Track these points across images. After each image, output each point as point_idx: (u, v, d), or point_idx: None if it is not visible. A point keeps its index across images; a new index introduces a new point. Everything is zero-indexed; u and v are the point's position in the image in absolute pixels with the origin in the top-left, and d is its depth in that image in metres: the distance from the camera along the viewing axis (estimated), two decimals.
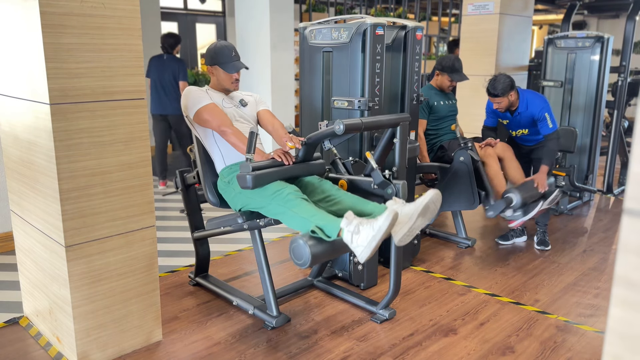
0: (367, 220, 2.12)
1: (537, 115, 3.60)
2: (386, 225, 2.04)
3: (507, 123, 3.80)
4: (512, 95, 3.56)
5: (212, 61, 2.68)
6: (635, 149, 0.58)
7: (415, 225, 2.23)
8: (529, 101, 3.63)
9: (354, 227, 2.10)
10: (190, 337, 2.54)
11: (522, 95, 3.65)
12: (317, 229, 2.16)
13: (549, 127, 3.59)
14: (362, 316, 2.75)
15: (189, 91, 2.66)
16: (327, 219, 2.19)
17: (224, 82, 2.70)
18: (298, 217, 2.24)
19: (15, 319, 2.67)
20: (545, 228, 3.82)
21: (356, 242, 2.09)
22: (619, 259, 0.59)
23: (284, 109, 4.35)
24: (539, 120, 3.61)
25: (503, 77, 3.53)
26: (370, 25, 2.83)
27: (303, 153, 2.53)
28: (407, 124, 2.70)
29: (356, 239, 2.08)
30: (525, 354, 2.43)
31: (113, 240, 2.23)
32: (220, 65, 2.66)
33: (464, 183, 3.48)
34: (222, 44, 2.70)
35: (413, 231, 2.25)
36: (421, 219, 2.24)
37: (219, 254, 3.58)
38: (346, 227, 2.11)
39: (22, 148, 2.27)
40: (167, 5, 8.13)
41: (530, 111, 3.63)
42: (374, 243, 2.05)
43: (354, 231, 2.09)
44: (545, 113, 3.58)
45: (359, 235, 2.08)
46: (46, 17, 1.90)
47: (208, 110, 2.57)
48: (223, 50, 2.67)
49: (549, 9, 8.67)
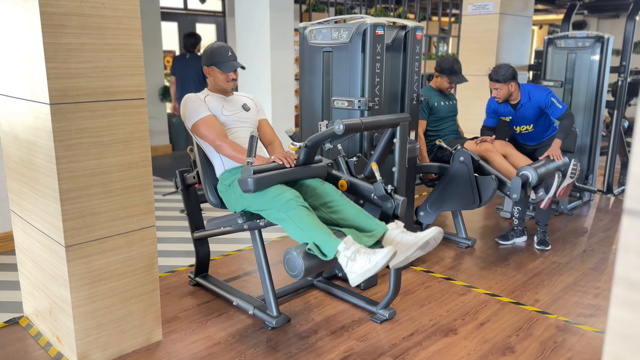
0: (365, 250, 2.12)
1: (544, 102, 3.59)
2: (383, 263, 2.05)
3: (510, 119, 3.79)
4: (512, 86, 3.57)
5: (208, 61, 2.69)
6: (635, 149, 0.58)
7: (412, 256, 2.27)
8: (530, 92, 3.63)
9: (351, 253, 2.10)
10: (190, 337, 2.54)
11: (524, 88, 3.66)
12: (313, 247, 2.17)
13: (559, 109, 3.60)
14: (362, 316, 2.75)
15: (187, 100, 2.66)
16: (324, 236, 2.18)
17: (220, 82, 2.71)
18: (297, 228, 2.24)
19: (15, 319, 2.67)
20: (545, 228, 3.81)
21: (350, 268, 2.09)
22: (619, 259, 0.59)
23: (284, 109, 4.35)
24: (547, 106, 3.60)
25: (506, 66, 3.57)
26: (370, 25, 2.83)
27: (304, 156, 2.53)
28: (407, 124, 2.70)
29: (351, 265, 2.09)
30: (525, 354, 2.43)
31: (113, 240, 2.23)
32: (216, 65, 2.67)
33: (464, 183, 3.48)
34: (218, 44, 2.71)
35: (408, 260, 2.28)
36: (419, 251, 2.27)
37: (219, 254, 3.58)
38: (343, 252, 2.12)
39: (22, 148, 2.27)
40: (167, 5, 8.12)
41: (534, 101, 3.62)
42: (367, 275, 2.07)
43: (350, 257, 2.10)
44: (552, 98, 3.59)
45: (355, 262, 2.08)
46: (46, 17, 1.90)
47: (204, 124, 2.58)
48: (219, 50, 2.68)
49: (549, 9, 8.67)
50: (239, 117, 2.74)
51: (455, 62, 3.74)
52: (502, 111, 3.78)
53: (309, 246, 2.18)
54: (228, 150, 2.54)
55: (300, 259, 2.14)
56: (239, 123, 2.72)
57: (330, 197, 2.48)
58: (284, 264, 2.23)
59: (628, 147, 5.37)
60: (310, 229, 2.20)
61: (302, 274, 2.15)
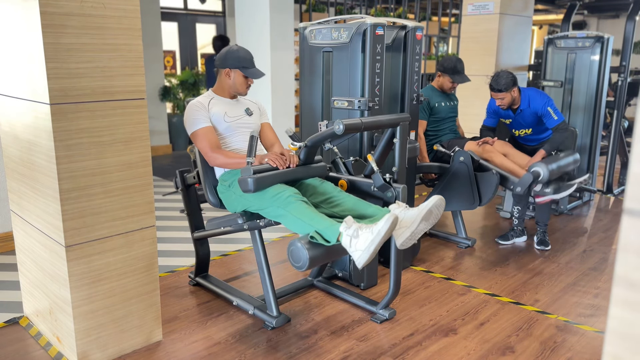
0: (367, 224, 2.11)
1: (540, 110, 3.60)
2: (385, 229, 2.03)
3: (509, 122, 3.80)
4: (515, 92, 3.58)
5: (233, 64, 2.67)
6: (635, 149, 0.58)
7: (418, 230, 2.24)
8: (530, 98, 3.64)
9: (352, 231, 2.09)
10: (190, 337, 2.54)
11: (524, 93, 3.66)
12: (316, 234, 2.17)
13: (554, 120, 3.59)
14: (362, 316, 2.75)
15: (189, 108, 2.68)
16: (325, 223, 2.18)
17: (240, 86, 2.70)
18: (298, 220, 2.24)
19: (15, 319, 2.67)
20: (545, 228, 3.81)
21: (355, 247, 2.08)
22: (619, 259, 0.59)
23: (284, 109, 4.35)
24: (543, 115, 3.61)
25: (505, 73, 3.56)
26: (370, 25, 2.83)
27: (304, 156, 2.54)
28: (407, 124, 2.70)
29: (355, 243, 2.08)
30: (525, 354, 2.43)
31: (113, 240, 2.23)
32: (243, 69, 2.66)
33: (464, 183, 3.48)
34: (243, 49, 2.72)
35: (415, 235, 2.25)
36: (424, 223, 2.24)
37: (219, 254, 3.58)
38: (345, 232, 2.11)
39: (22, 148, 2.27)
40: (167, 5, 8.13)
41: (532, 108, 3.63)
42: (372, 247, 2.04)
43: (353, 235, 2.09)
44: (548, 107, 3.58)
45: (358, 239, 2.07)
46: (46, 17, 1.90)
47: (200, 136, 2.61)
48: (246, 55, 2.69)
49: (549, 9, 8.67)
50: (242, 122, 2.74)
51: (458, 61, 3.74)
52: (502, 113, 3.79)
53: (311, 234, 2.17)
54: (223, 160, 2.55)
55: (304, 250, 2.13)
56: (241, 129, 2.72)
57: (330, 193, 2.50)
58: (289, 255, 2.21)
59: (628, 147, 5.37)
60: (310, 219, 2.21)
61: (307, 264, 2.12)
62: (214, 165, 2.64)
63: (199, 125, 2.62)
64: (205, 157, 2.63)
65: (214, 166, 2.67)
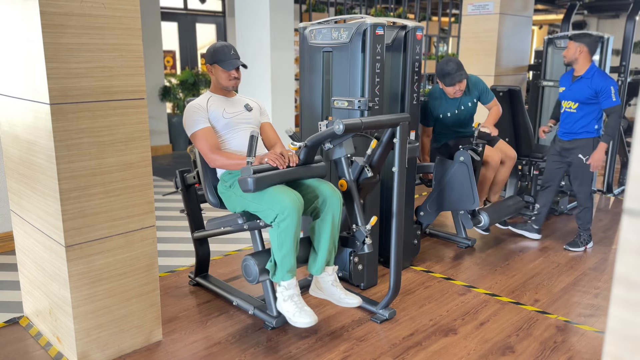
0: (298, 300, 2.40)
1: (602, 86, 3.52)
2: (301, 326, 2.37)
3: (563, 91, 3.74)
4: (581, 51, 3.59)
5: (211, 60, 2.70)
6: (635, 149, 0.58)
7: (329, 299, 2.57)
8: (597, 73, 3.58)
9: (287, 295, 2.39)
10: (190, 337, 2.54)
11: (593, 68, 3.60)
12: (272, 267, 2.41)
13: (611, 100, 3.51)
14: (362, 316, 2.75)
15: (188, 109, 2.69)
16: (286, 265, 2.37)
17: (223, 80, 2.71)
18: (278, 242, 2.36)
19: (15, 319, 2.67)
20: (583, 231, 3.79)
21: (281, 304, 2.42)
22: (619, 259, 0.59)
23: (284, 109, 4.34)
24: (602, 92, 3.52)
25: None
26: (370, 25, 2.83)
27: (304, 155, 2.53)
28: (407, 124, 2.69)
29: (281, 301, 2.41)
30: (525, 354, 2.43)
31: (113, 240, 2.23)
32: (219, 63, 2.68)
33: (464, 183, 3.47)
34: (221, 43, 2.74)
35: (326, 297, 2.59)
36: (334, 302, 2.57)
37: (219, 254, 3.58)
38: (283, 289, 2.40)
39: (22, 148, 2.27)
40: (167, 5, 8.13)
41: (595, 81, 3.54)
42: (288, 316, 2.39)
43: (284, 297, 2.40)
44: (612, 87, 3.52)
45: (286, 303, 2.39)
46: (46, 17, 1.90)
47: (200, 137, 2.61)
48: (222, 49, 2.69)
49: (549, 9, 8.68)
50: (242, 118, 2.74)
51: (444, 63, 3.55)
52: (562, 80, 3.77)
53: (269, 265, 2.41)
54: (223, 161, 2.56)
55: (255, 267, 2.42)
56: (241, 124, 2.72)
57: (323, 197, 2.50)
58: (242, 269, 2.49)
59: (628, 147, 5.37)
60: (285, 252, 2.36)
61: (257, 279, 2.42)
62: (213, 166, 2.64)
63: (198, 127, 2.62)
64: (204, 158, 2.63)
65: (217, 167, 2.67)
